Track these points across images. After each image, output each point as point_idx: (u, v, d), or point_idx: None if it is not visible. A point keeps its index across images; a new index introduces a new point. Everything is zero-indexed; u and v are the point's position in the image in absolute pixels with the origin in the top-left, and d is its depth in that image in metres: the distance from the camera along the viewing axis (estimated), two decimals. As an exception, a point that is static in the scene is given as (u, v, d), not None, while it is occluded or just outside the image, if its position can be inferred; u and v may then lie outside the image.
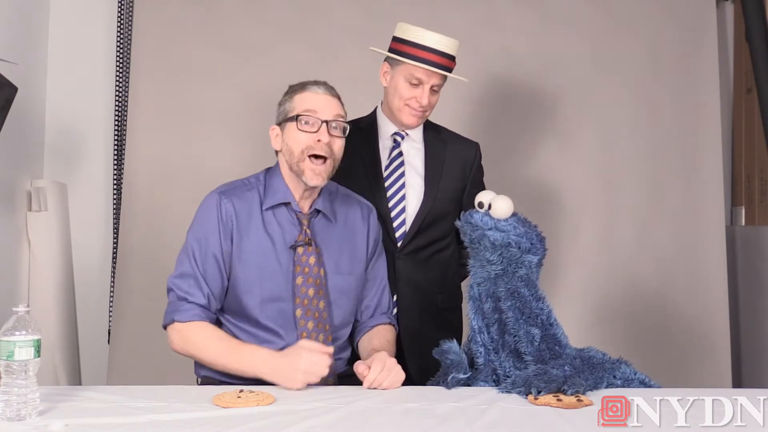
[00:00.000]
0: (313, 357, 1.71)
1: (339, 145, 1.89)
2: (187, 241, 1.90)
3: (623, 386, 1.77)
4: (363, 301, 2.04)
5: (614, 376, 1.78)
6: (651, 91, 3.29)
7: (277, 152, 1.96)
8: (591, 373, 1.75)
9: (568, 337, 1.89)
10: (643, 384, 1.79)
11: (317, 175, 1.87)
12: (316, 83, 1.92)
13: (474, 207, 1.90)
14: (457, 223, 1.92)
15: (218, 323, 1.91)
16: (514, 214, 1.86)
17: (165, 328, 1.88)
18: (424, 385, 1.87)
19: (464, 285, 2.41)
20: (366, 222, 2.04)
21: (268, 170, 1.99)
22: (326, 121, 1.86)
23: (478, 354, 1.86)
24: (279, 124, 1.93)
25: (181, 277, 1.87)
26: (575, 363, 1.77)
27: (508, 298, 1.84)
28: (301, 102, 1.89)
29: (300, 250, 1.89)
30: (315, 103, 1.88)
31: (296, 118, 1.86)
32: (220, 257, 1.87)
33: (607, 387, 1.75)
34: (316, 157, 1.86)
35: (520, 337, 1.83)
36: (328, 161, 1.87)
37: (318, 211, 1.95)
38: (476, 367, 1.86)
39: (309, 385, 1.72)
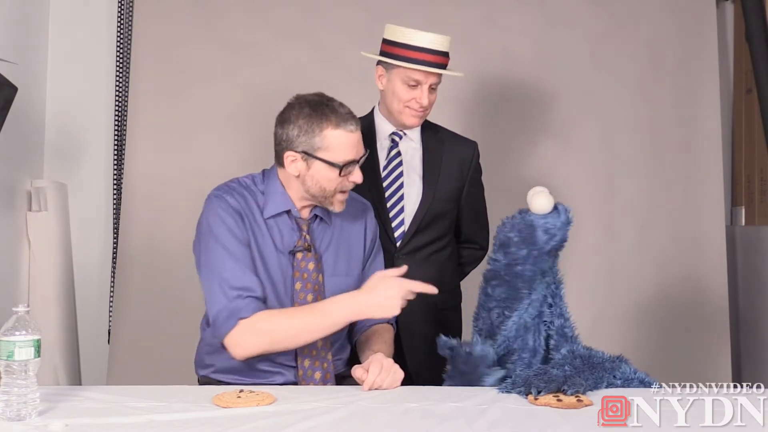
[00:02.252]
0: (402, 290, 1.75)
1: None
2: (215, 242, 1.80)
3: (623, 386, 1.77)
4: None
5: (614, 376, 1.78)
6: (651, 91, 3.30)
7: (280, 165, 1.89)
8: (591, 373, 1.75)
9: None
10: (643, 383, 1.79)
11: (343, 203, 1.89)
12: (345, 119, 1.82)
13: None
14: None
15: None
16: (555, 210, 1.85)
17: (223, 343, 1.78)
18: (424, 384, 1.86)
19: (463, 284, 2.42)
20: (363, 221, 2.02)
21: (264, 173, 1.94)
22: (358, 161, 1.86)
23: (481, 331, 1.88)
24: (301, 152, 1.82)
25: (234, 274, 1.77)
26: (575, 363, 1.78)
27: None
28: (337, 144, 1.80)
29: (299, 255, 1.88)
30: (352, 148, 1.83)
31: (338, 168, 1.81)
32: (253, 247, 1.83)
33: (607, 387, 1.75)
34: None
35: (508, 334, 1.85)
36: None
37: (317, 215, 1.93)
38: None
39: (310, 386, 1.73)
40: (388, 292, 1.75)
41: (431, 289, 1.81)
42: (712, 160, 3.27)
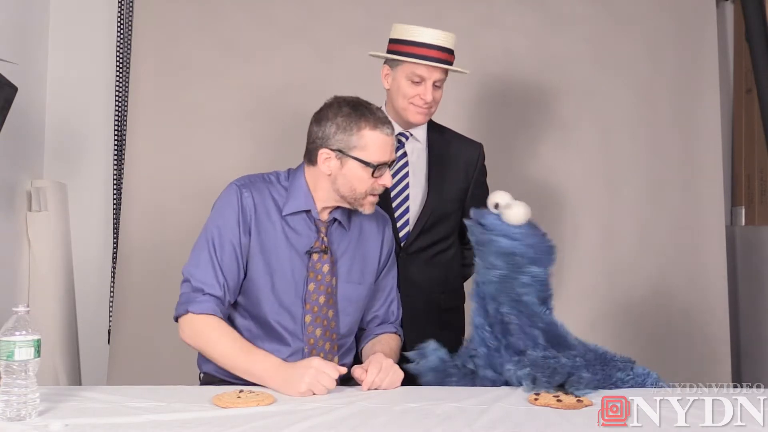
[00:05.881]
0: (321, 375, 1.68)
1: None
2: (206, 230, 1.86)
3: (634, 386, 1.75)
4: (370, 310, 2.03)
5: (627, 375, 1.76)
6: (651, 91, 3.30)
7: (312, 163, 1.89)
8: (602, 368, 1.73)
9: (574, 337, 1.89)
10: (658, 383, 1.76)
11: (373, 205, 1.90)
12: (383, 121, 1.85)
13: (485, 206, 1.87)
14: (467, 222, 1.89)
15: (229, 319, 1.89)
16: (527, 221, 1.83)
17: (176, 319, 1.84)
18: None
19: (467, 285, 2.42)
20: (381, 233, 2.02)
21: (290, 172, 1.95)
22: (389, 164, 1.87)
23: (480, 353, 1.86)
24: (336, 150, 1.83)
25: (198, 266, 1.83)
26: (588, 356, 1.76)
27: (508, 303, 1.83)
28: (373, 144, 1.82)
29: (315, 256, 1.88)
30: (387, 150, 1.84)
31: (373, 168, 1.82)
32: (238, 249, 1.84)
33: (617, 387, 1.73)
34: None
35: (524, 339, 1.83)
36: None
37: (335, 219, 1.93)
38: (475, 365, 1.86)
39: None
40: (303, 377, 1.68)
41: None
42: (712, 160, 3.27)
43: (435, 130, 2.35)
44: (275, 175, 1.94)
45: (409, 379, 1.87)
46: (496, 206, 1.83)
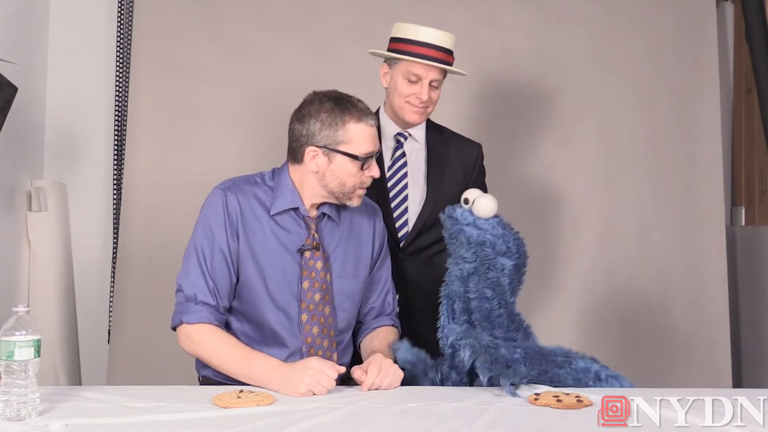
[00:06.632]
0: (320, 376, 1.68)
1: None
2: (194, 238, 1.86)
3: (574, 383, 1.76)
4: (367, 303, 2.03)
5: (566, 371, 1.77)
6: (651, 91, 3.30)
7: (297, 161, 1.89)
8: (539, 363, 1.75)
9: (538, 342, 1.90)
10: (598, 378, 1.77)
11: (361, 197, 1.90)
12: (366, 113, 1.85)
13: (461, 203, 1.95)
14: (440, 216, 1.96)
15: (226, 324, 1.89)
16: (496, 216, 1.90)
17: (174, 329, 1.85)
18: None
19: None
20: (372, 224, 2.02)
21: (274, 171, 1.95)
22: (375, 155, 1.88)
23: (446, 354, 1.88)
24: (322, 147, 1.83)
25: (188, 274, 1.83)
26: (529, 351, 1.78)
27: (476, 299, 1.86)
28: (359, 138, 1.83)
29: (307, 254, 1.88)
30: (372, 141, 1.85)
31: (361, 162, 1.83)
32: (227, 254, 1.84)
33: (552, 382, 1.74)
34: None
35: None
36: None
37: (324, 214, 1.94)
38: (441, 374, 1.88)
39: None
40: (302, 377, 1.68)
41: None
42: (712, 160, 3.27)
43: (434, 130, 2.34)
44: (260, 176, 1.94)
45: (409, 379, 1.87)
46: (466, 201, 1.92)
